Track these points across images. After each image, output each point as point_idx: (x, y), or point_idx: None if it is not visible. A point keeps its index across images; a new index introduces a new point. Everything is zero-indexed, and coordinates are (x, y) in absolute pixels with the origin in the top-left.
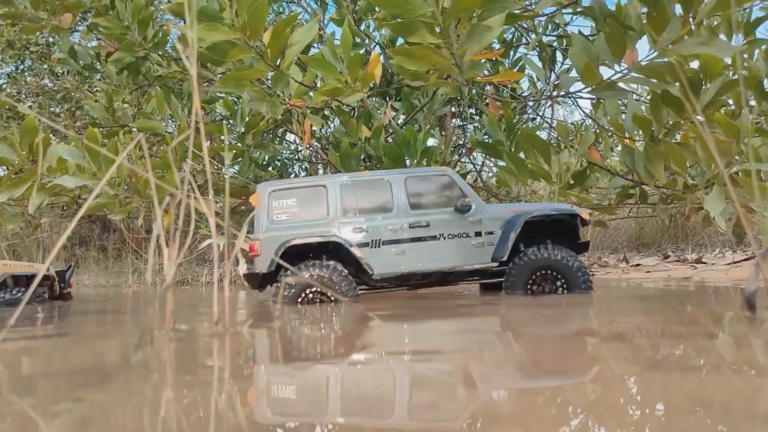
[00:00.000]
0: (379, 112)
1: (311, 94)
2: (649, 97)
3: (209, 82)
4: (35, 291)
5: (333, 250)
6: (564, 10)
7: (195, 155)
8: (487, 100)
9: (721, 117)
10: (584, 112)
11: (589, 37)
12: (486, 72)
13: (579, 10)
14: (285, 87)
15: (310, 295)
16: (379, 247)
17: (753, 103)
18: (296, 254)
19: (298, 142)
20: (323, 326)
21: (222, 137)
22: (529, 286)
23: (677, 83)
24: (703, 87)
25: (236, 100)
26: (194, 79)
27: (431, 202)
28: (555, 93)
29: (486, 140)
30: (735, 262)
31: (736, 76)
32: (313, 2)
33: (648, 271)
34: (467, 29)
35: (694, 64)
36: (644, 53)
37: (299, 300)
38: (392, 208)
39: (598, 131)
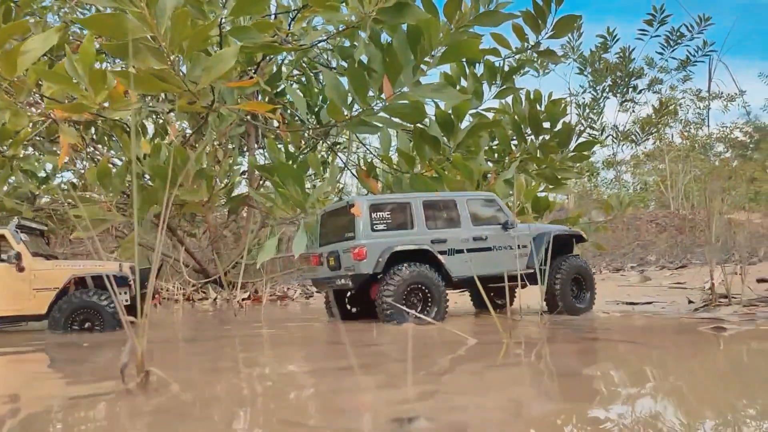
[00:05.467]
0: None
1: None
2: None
3: None
4: (106, 295)
5: (420, 256)
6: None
7: None
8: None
9: (458, 158)
10: (364, 145)
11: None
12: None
13: (321, 50)
14: (28, 97)
15: (412, 291)
16: (453, 255)
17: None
18: (390, 259)
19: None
20: None
21: None
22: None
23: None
24: (457, 128)
25: None
26: None
27: (485, 219)
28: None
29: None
30: None
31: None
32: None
33: None
34: (192, 58)
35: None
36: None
37: (404, 295)
38: (460, 223)
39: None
